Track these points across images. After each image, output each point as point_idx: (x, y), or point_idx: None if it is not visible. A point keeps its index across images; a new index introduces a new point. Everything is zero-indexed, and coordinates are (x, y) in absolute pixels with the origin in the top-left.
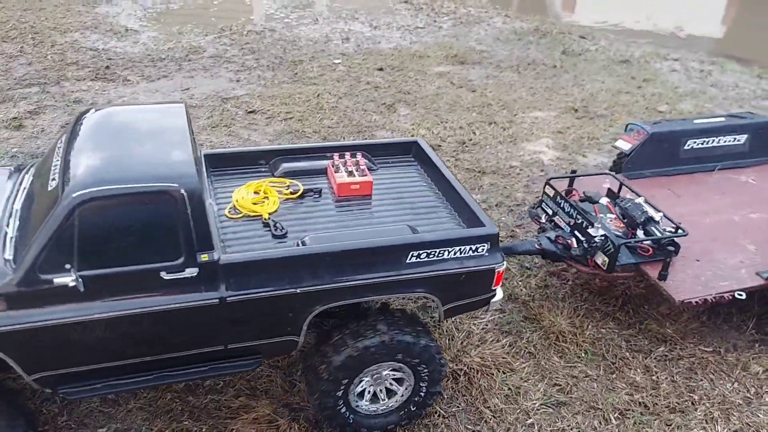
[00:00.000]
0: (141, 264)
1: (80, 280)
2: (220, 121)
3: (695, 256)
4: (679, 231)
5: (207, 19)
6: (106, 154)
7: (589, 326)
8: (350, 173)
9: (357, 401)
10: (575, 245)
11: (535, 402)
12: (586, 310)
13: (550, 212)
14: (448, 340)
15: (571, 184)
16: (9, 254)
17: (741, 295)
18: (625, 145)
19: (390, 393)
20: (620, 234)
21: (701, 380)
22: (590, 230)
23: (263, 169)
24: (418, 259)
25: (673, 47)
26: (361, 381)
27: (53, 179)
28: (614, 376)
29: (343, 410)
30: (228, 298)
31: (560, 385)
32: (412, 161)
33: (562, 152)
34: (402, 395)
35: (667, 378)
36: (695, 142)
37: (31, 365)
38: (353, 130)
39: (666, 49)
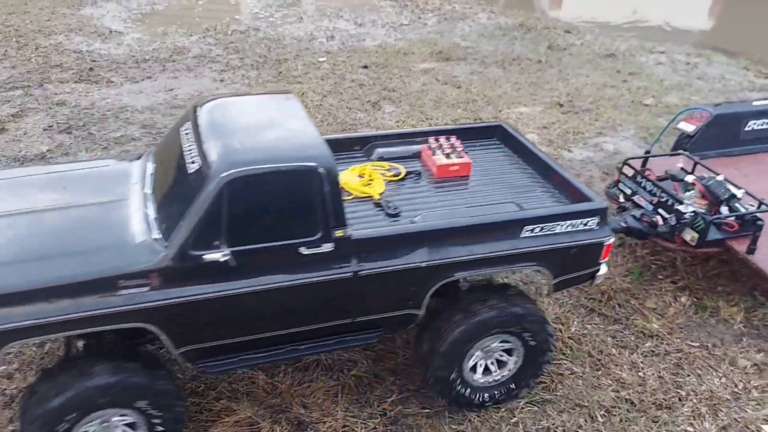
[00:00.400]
0: (283, 240)
1: (231, 255)
2: None
3: None
4: (762, 206)
5: (191, 20)
6: (242, 138)
7: (575, 322)
8: (447, 155)
9: (470, 374)
10: (661, 222)
11: (519, 400)
12: (571, 306)
13: (628, 192)
14: None
15: (644, 164)
16: (156, 234)
17: None
18: (689, 127)
19: (501, 365)
20: (704, 211)
21: (688, 375)
22: (680, 207)
23: (358, 155)
24: (532, 234)
25: (659, 40)
26: (472, 355)
27: (193, 162)
28: (600, 372)
29: (456, 384)
30: (360, 272)
31: (545, 383)
32: (498, 143)
33: (547, 147)
34: (512, 366)
35: (653, 374)
36: (755, 123)
37: (180, 339)
38: (338, 128)
39: (652, 42)
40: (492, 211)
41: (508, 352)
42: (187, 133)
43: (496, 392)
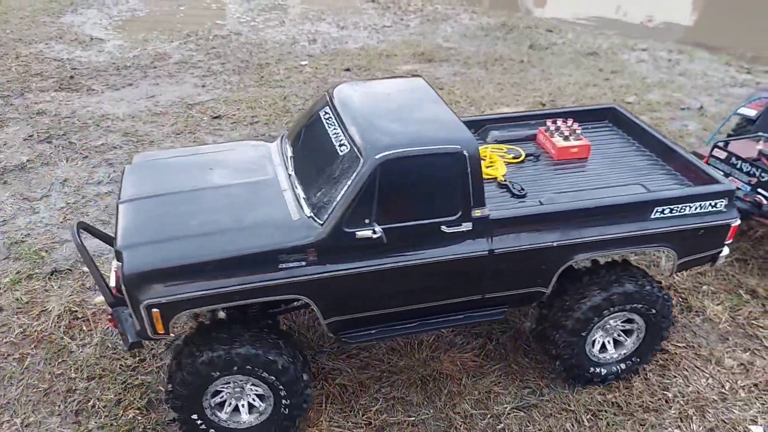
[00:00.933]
0: (428, 218)
1: (382, 232)
2: (185, 128)
3: None
4: None
5: (173, 26)
6: (387, 122)
7: None
8: (566, 137)
9: (594, 352)
10: (765, 202)
11: (506, 406)
12: None
13: (721, 174)
14: (416, 344)
15: (725, 147)
16: (309, 212)
17: None
18: (751, 112)
19: (620, 343)
20: None
21: (675, 377)
22: None
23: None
24: (662, 215)
25: (641, 37)
26: (596, 331)
27: (342, 145)
28: None
29: (583, 362)
30: (496, 251)
31: (531, 388)
32: (611, 126)
33: None
34: (634, 342)
35: (640, 376)
36: None
37: (329, 310)
38: None
39: (634, 40)
40: (619, 192)
41: (629, 328)
42: (328, 118)
43: (619, 367)
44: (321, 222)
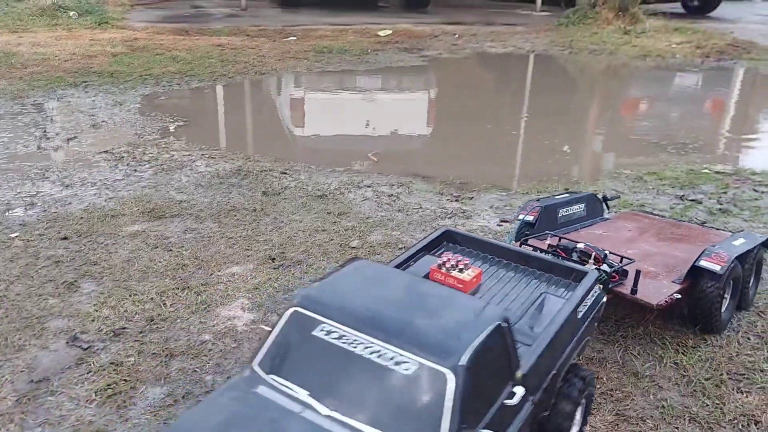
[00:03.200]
0: (498, 397)
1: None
2: None
3: (631, 276)
4: (625, 260)
5: None
6: (419, 319)
7: None
8: (461, 270)
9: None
10: None
11: None
12: None
13: None
14: None
15: (525, 242)
16: None
17: (679, 295)
18: (529, 218)
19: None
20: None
21: None
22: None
23: None
24: (582, 310)
25: (367, 173)
26: None
27: (398, 364)
28: None
29: None
30: (534, 400)
31: None
32: (451, 247)
33: (257, 313)
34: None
35: None
36: (563, 210)
37: None
38: (21, 325)
39: (360, 176)
40: (551, 303)
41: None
42: (339, 336)
43: None
44: None
